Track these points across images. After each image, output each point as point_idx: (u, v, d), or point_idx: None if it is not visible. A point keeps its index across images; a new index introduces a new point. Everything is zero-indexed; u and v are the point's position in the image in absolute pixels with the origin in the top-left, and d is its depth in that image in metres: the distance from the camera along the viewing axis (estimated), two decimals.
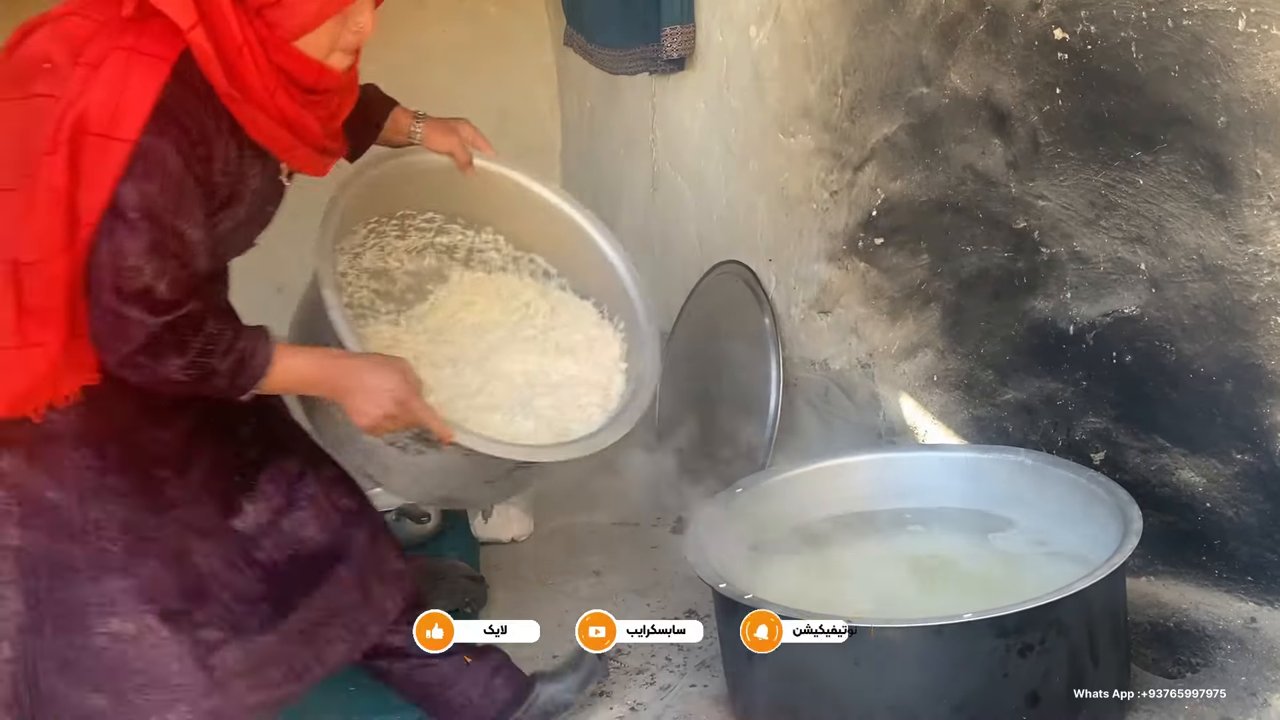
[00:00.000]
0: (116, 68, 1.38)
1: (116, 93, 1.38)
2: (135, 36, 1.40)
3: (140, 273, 1.42)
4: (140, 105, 1.38)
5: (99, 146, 1.37)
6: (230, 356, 1.51)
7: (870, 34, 2.42)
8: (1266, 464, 1.81)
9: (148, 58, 1.39)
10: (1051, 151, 2.04)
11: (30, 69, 1.43)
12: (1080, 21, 1.92)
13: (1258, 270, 1.74)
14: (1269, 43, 1.63)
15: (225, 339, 1.51)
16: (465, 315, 2.02)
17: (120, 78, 1.38)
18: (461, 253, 2.09)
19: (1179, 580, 1.98)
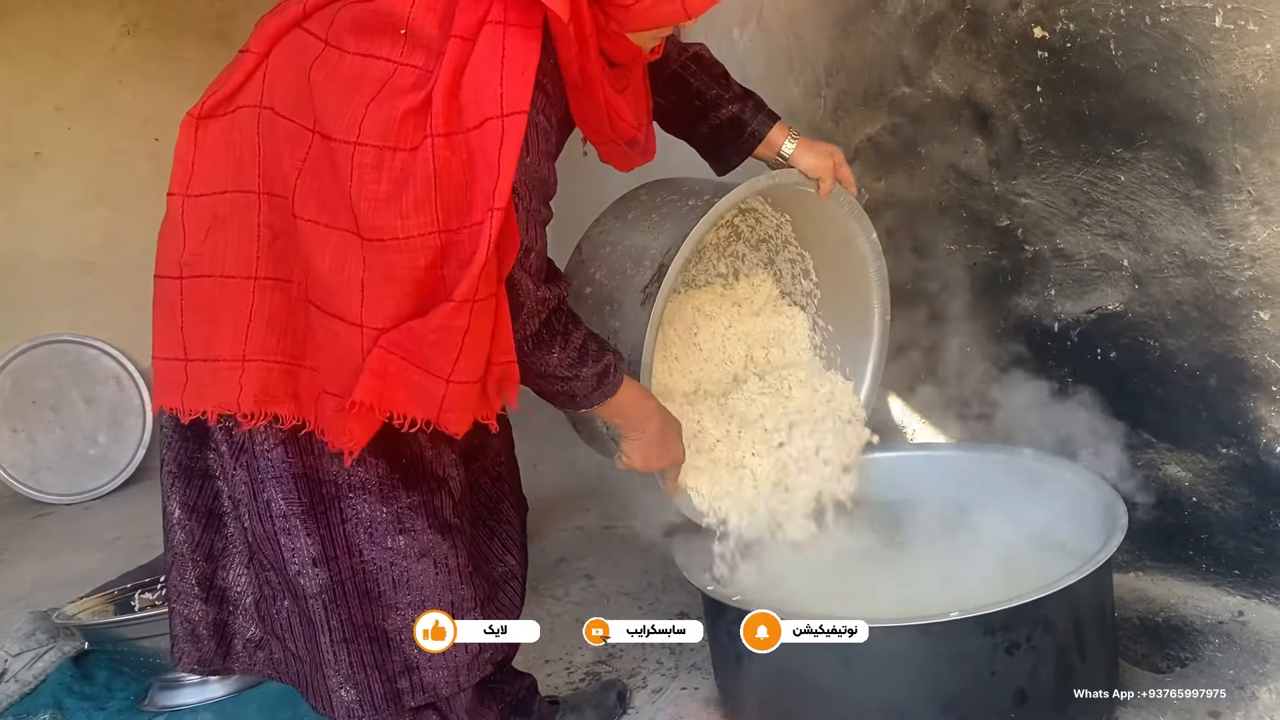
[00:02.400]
0: (494, 41, 1.31)
1: (499, 69, 1.31)
2: (503, 6, 1.33)
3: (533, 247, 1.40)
4: (524, 80, 1.31)
5: (494, 129, 1.30)
6: (600, 363, 1.54)
7: (852, 35, 2.43)
8: (1251, 458, 1.81)
9: (522, 29, 1.32)
10: (1033, 149, 2.05)
11: (380, 27, 1.36)
12: (1059, 20, 1.93)
13: (1239, 265, 1.75)
14: (1245, 38, 1.64)
15: (598, 343, 1.54)
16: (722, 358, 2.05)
17: (499, 53, 1.31)
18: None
19: (1166, 575, 1.98)
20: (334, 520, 1.52)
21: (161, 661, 2.20)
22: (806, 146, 1.85)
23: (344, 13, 1.41)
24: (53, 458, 4.20)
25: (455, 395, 1.38)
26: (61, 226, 4.23)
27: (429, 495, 1.56)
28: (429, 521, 1.56)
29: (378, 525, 1.53)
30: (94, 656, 2.37)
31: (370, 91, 1.33)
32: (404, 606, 1.56)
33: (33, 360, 4.21)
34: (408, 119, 1.31)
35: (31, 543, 3.70)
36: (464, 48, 1.31)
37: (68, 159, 4.21)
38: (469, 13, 1.33)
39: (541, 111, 1.37)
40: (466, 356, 1.35)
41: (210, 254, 1.48)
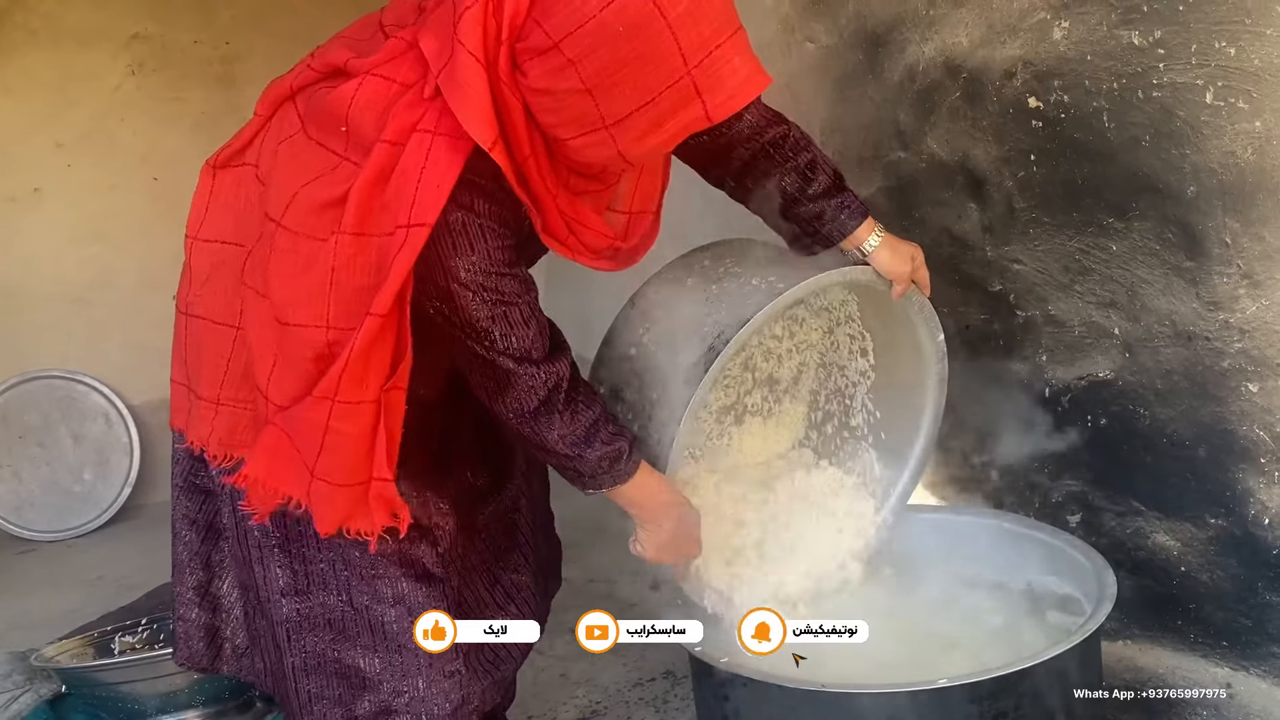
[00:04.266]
0: (419, 151, 1.30)
1: (417, 179, 1.30)
2: (436, 115, 1.31)
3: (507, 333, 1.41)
4: (438, 194, 1.30)
5: (399, 238, 1.30)
6: (610, 446, 1.52)
7: (849, 98, 2.46)
8: (1240, 529, 1.81)
9: (449, 139, 1.30)
10: (1026, 216, 2.07)
11: (331, 120, 1.38)
12: (1054, 91, 1.96)
13: (1228, 337, 1.76)
14: (1236, 116, 1.67)
15: (612, 426, 1.52)
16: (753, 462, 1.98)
17: (421, 163, 1.30)
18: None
19: (1155, 644, 1.98)
20: (309, 555, 1.54)
21: (140, 707, 2.17)
22: (890, 246, 1.73)
23: (316, 97, 1.44)
24: (37, 494, 4.17)
25: (319, 492, 1.38)
26: (57, 262, 4.23)
27: (407, 543, 1.54)
28: (405, 570, 1.55)
29: (353, 567, 1.53)
30: (71, 700, 2.33)
31: (309, 179, 1.37)
32: (380, 649, 1.54)
33: (22, 395, 4.19)
34: (324, 210, 1.34)
35: (11, 580, 3.66)
36: (391, 153, 1.31)
37: (66, 195, 4.22)
38: (401, 117, 1.33)
39: (488, 216, 1.36)
40: (328, 455, 1.36)
41: (206, 298, 1.53)
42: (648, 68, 1.20)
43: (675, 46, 1.19)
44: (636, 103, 1.22)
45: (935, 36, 2.20)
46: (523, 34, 1.23)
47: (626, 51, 1.19)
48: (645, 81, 1.21)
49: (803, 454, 2.02)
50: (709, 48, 1.21)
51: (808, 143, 1.70)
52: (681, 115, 1.24)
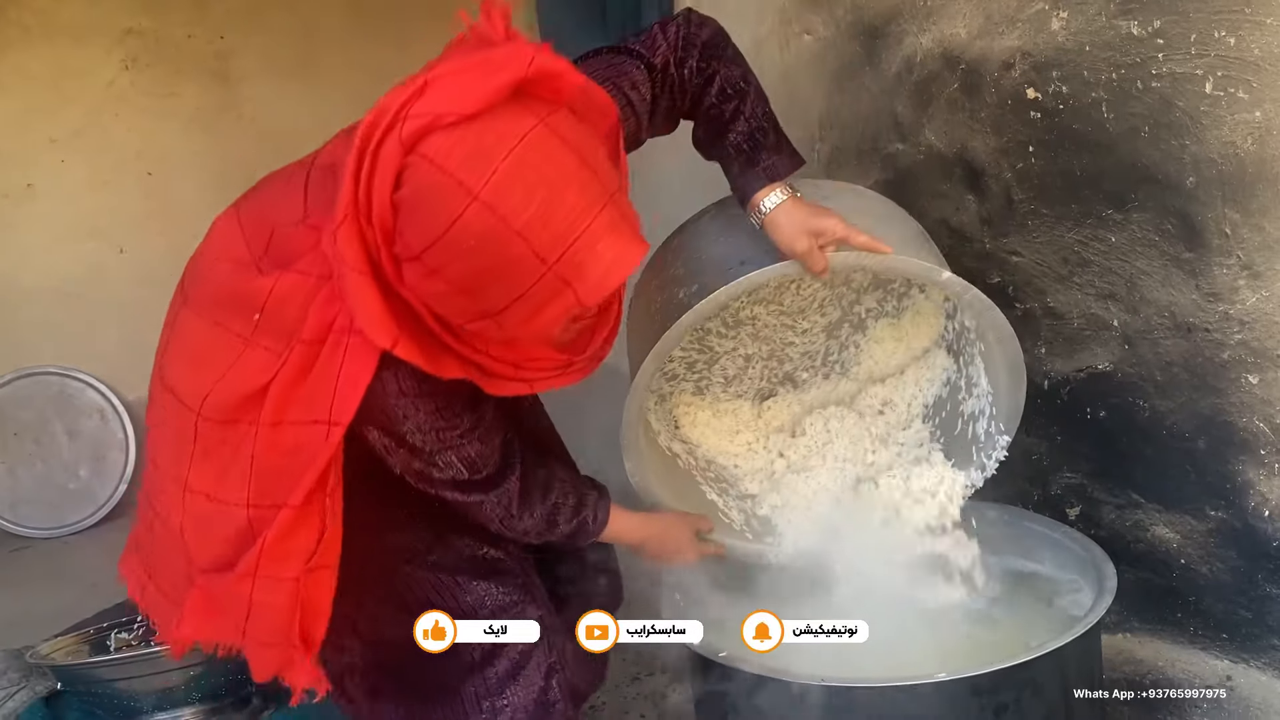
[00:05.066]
0: (335, 351, 1.33)
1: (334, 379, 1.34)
2: (348, 316, 1.32)
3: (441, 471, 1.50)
4: (353, 395, 1.33)
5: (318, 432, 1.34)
6: (572, 523, 1.66)
7: (846, 90, 2.45)
8: (1239, 521, 1.81)
9: (363, 337, 1.31)
10: (1025, 208, 2.07)
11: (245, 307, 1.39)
12: (1052, 81, 1.95)
13: (1228, 328, 1.76)
14: (1235, 106, 1.66)
15: (568, 508, 1.65)
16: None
17: (337, 363, 1.33)
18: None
19: (1154, 637, 1.97)
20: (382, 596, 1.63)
21: (136, 704, 2.16)
22: (785, 215, 1.59)
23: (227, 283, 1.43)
24: (32, 490, 4.15)
25: (251, 651, 1.44)
26: (51, 258, 4.21)
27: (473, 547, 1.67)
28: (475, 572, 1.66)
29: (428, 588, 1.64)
30: (66, 698, 2.32)
31: (220, 368, 1.38)
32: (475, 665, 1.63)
33: (16, 392, 4.17)
34: (242, 404, 1.37)
35: (6, 578, 3.65)
36: (309, 352, 1.34)
37: (60, 191, 4.20)
38: (319, 315, 1.34)
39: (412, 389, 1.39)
40: (256, 620, 1.40)
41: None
42: (509, 271, 1.21)
43: (529, 250, 1.19)
44: (509, 298, 1.23)
45: (933, 27, 2.20)
46: (393, 239, 1.24)
47: (483, 261, 1.20)
48: (511, 282, 1.22)
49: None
50: (566, 243, 1.20)
51: (740, 93, 1.60)
52: (555, 305, 1.24)
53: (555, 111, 1.23)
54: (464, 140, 1.17)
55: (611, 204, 1.24)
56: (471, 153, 1.17)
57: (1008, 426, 1.86)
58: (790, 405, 2.04)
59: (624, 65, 1.54)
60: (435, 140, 1.18)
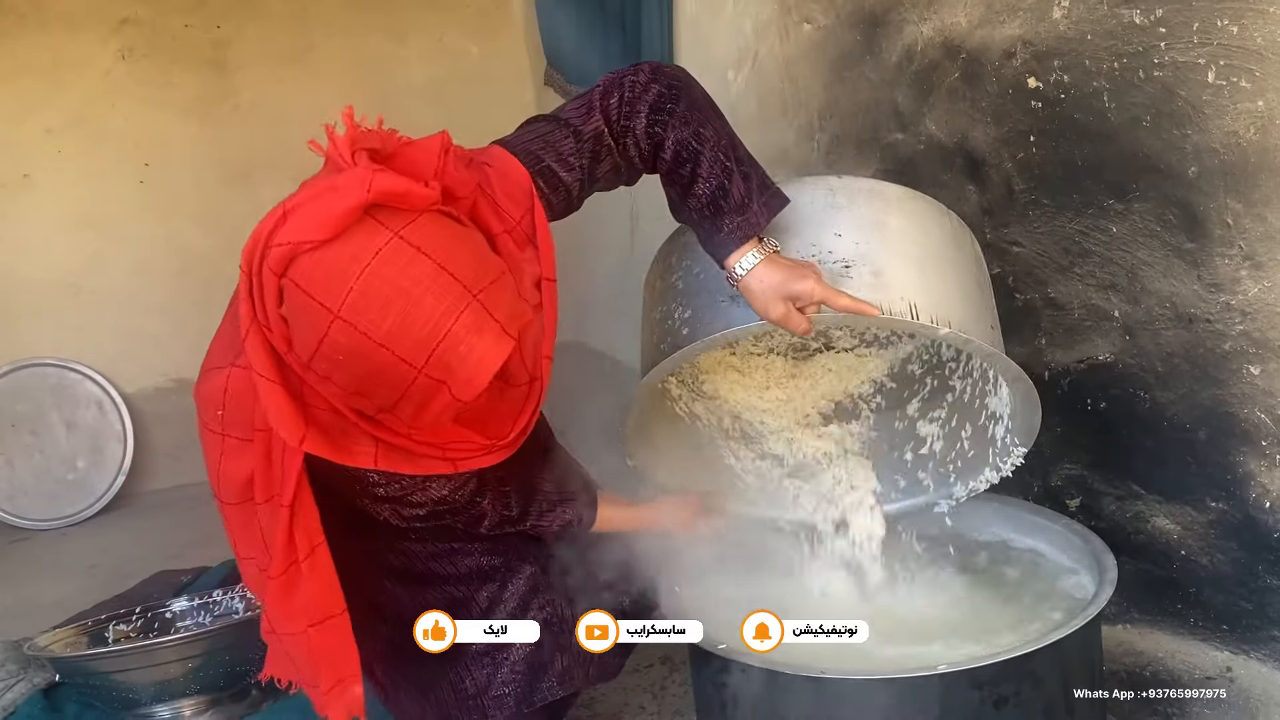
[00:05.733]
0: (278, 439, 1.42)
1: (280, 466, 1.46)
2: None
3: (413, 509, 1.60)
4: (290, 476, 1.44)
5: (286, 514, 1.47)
6: (558, 527, 1.76)
7: (846, 80, 2.44)
8: (1240, 512, 1.80)
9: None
10: (1025, 198, 2.06)
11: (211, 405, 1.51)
12: (1054, 71, 1.94)
13: (1229, 319, 1.75)
14: (1238, 95, 1.65)
15: (550, 518, 1.74)
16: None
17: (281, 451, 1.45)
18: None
19: (1155, 628, 1.97)
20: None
21: (134, 696, 2.16)
22: (759, 280, 1.51)
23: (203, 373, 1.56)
24: (30, 482, 4.15)
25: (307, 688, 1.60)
26: (47, 248, 4.20)
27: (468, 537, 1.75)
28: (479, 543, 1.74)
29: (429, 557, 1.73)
30: (65, 689, 2.32)
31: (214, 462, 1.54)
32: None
33: (14, 383, 4.16)
34: (243, 486, 1.52)
35: (5, 568, 3.65)
36: (266, 439, 1.45)
37: (56, 181, 4.19)
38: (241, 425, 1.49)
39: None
40: (298, 664, 1.57)
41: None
42: (384, 376, 1.28)
43: (394, 358, 1.26)
44: (394, 398, 1.30)
45: (934, 16, 2.18)
46: (289, 346, 1.33)
47: (358, 369, 1.27)
48: (390, 384, 1.29)
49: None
50: (429, 347, 1.26)
51: (694, 155, 1.53)
52: (437, 401, 1.30)
53: (412, 221, 1.27)
54: (321, 263, 1.24)
55: (474, 304, 1.27)
56: (329, 274, 1.24)
57: (1024, 440, 1.83)
58: (825, 365, 2.01)
59: (551, 137, 1.57)
60: (299, 265, 1.25)
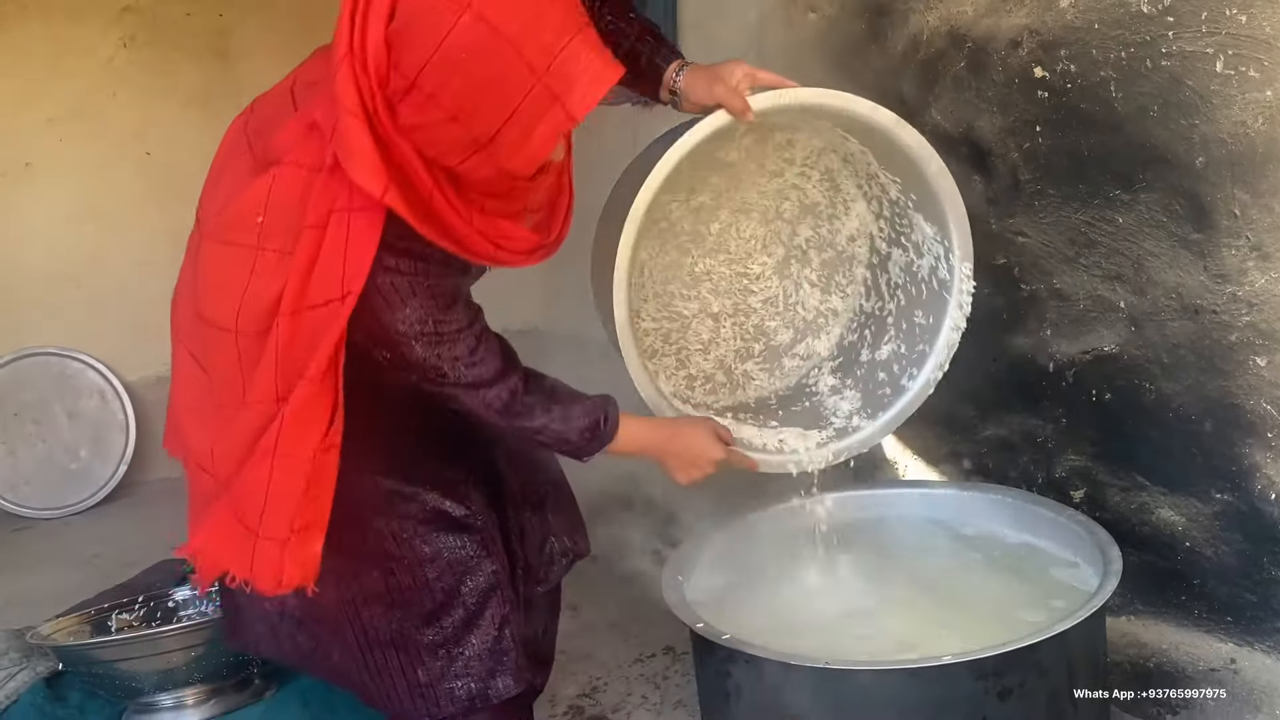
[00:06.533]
0: (340, 229, 1.39)
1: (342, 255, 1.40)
2: (349, 193, 1.39)
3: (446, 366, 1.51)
4: (361, 264, 1.40)
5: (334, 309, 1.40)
6: (587, 419, 1.64)
7: (851, 69, 2.43)
8: (1245, 504, 1.80)
9: (364, 213, 1.39)
10: (1031, 189, 2.05)
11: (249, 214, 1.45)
12: (1060, 60, 1.93)
13: (1236, 310, 1.74)
14: (1246, 85, 1.64)
15: (579, 406, 1.64)
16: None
17: (343, 240, 1.40)
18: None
19: (1159, 620, 1.97)
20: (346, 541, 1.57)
21: (137, 685, 2.16)
22: (695, 75, 1.70)
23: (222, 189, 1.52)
24: (33, 471, 4.14)
25: (264, 552, 1.46)
26: (50, 238, 4.19)
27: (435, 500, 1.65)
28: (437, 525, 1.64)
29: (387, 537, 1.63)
30: (68, 678, 2.32)
31: (242, 283, 1.45)
32: (429, 614, 1.63)
33: (16, 373, 4.16)
34: (273, 309, 1.43)
35: (8, 558, 3.65)
36: (315, 236, 1.40)
37: (58, 171, 4.17)
38: (318, 202, 1.40)
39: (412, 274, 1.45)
40: (272, 512, 1.44)
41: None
42: (500, 85, 1.28)
43: (520, 59, 1.27)
44: (500, 119, 1.30)
45: (939, 5, 2.18)
46: (387, 79, 1.31)
47: (477, 74, 1.28)
48: (502, 98, 1.29)
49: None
50: (553, 53, 1.29)
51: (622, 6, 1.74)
52: (546, 121, 1.32)
53: None
54: None
55: (588, 28, 1.33)
56: None
57: (963, 254, 1.88)
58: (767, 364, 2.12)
59: None
60: None
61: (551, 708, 2.22)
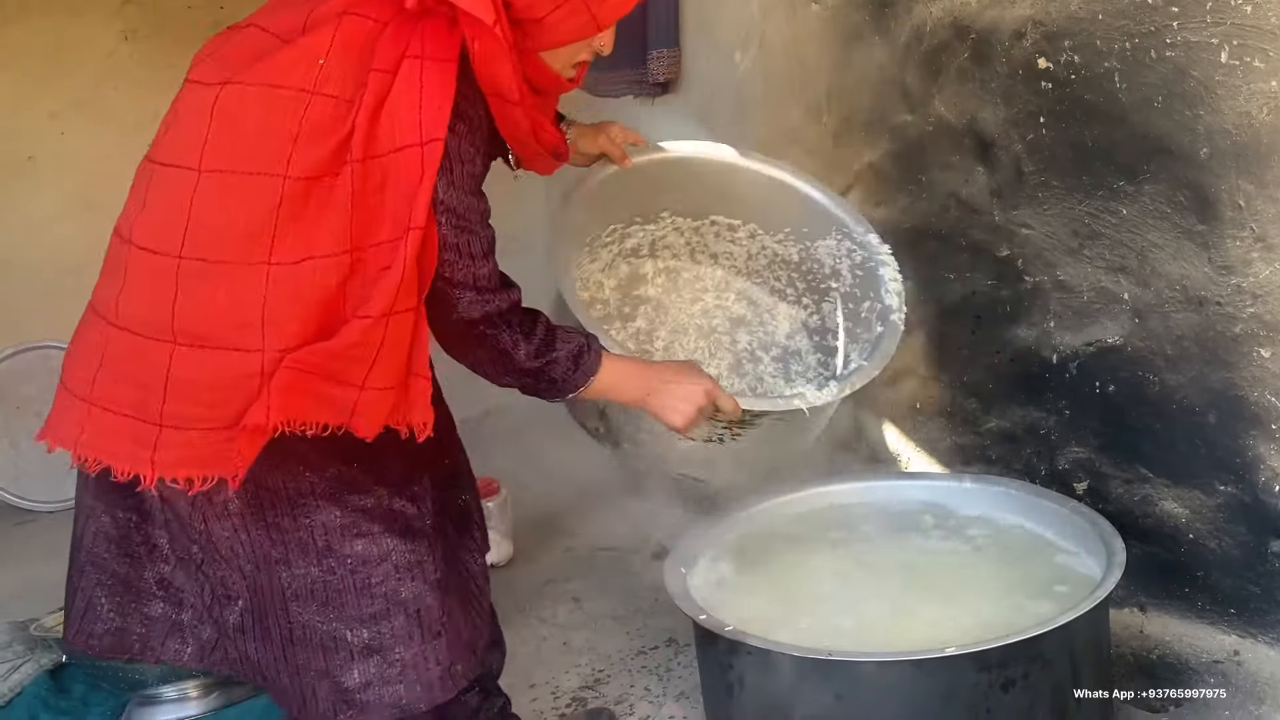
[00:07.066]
0: (413, 75, 1.39)
1: (418, 100, 1.39)
2: (420, 41, 1.41)
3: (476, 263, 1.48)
4: (442, 110, 1.39)
5: (413, 155, 1.38)
6: (571, 344, 1.58)
7: (855, 60, 2.43)
8: (1249, 495, 1.80)
9: (438, 63, 1.41)
10: (1035, 180, 2.04)
11: (305, 59, 1.41)
12: (1064, 51, 1.92)
13: (1240, 302, 1.74)
14: (1251, 75, 1.64)
15: (564, 329, 1.60)
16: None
17: (418, 85, 1.40)
18: (645, 249, 2.12)
19: (1162, 612, 1.96)
20: (285, 525, 1.51)
21: (140, 677, 2.17)
22: (582, 131, 1.88)
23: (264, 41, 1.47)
24: (35, 464, 4.14)
25: (369, 400, 1.41)
26: (51, 232, 4.18)
27: (389, 500, 1.55)
28: (388, 526, 1.54)
29: (332, 531, 1.51)
30: (71, 670, 2.33)
31: (291, 128, 1.39)
32: (368, 617, 1.52)
33: (17, 366, 4.16)
34: (335, 154, 1.39)
35: (11, 550, 3.65)
36: (384, 80, 1.39)
37: (60, 164, 4.17)
38: (389, 47, 1.41)
39: (464, 139, 1.44)
40: (381, 365, 1.40)
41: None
42: None
43: None
44: None
45: None
46: None
47: None
48: None
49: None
50: None
51: None
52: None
53: None
54: None
55: None
56: None
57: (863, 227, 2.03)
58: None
59: None
60: None
61: (554, 700, 2.22)
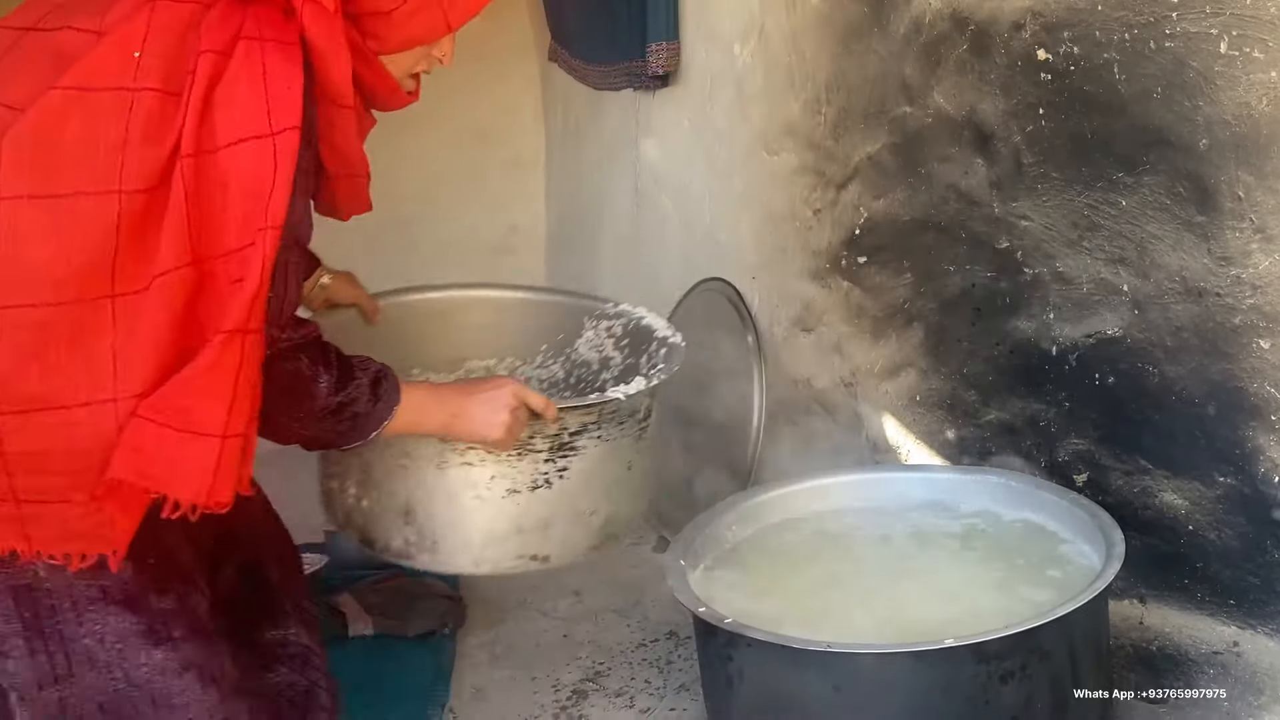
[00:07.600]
0: (253, 56, 1.22)
1: (261, 84, 1.21)
2: (256, 24, 1.24)
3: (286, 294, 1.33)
4: (293, 92, 1.22)
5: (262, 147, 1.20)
6: (368, 371, 1.43)
7: (853, 52, 2.42)
8: (1249, 487, 1.80)
9: (282, 45, 1.23)
10: (1034, 172, 2.04)
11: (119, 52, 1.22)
12: (1063, 42, 1.92)
13: (1240, 293, 1.74)
14: (1251, 65, 1.63)
15: (357, 358, 1.44)
16: None
17: (259, 67, 1.22)
18: None
19: (1162, 603, 1.97)
20: (69, 634, 1.34)
21: None
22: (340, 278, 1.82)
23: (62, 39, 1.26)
24: None
25: (229, 452, 1.22)
26: None
27: (183, 598, 1.40)
28: (189, 629, 1.39)
29: (128, 638, 1.36)
30: None
31: (119, 133, 1.19)
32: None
33: None
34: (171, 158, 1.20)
35: None
36: (216, 62, 1.21)
37: None
38: (218, 29, 1.23)
39: (307, 144, 1.26)
40: (240, 401, 1.21)
41: None
42: None
43: None
44: None
45: None
46: None
47: None
48: None
49: None
50: None
51: None
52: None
53: None
54: None
55: None
56: None
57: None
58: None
59: None
60: None
61: (555, 693, 2.23)
